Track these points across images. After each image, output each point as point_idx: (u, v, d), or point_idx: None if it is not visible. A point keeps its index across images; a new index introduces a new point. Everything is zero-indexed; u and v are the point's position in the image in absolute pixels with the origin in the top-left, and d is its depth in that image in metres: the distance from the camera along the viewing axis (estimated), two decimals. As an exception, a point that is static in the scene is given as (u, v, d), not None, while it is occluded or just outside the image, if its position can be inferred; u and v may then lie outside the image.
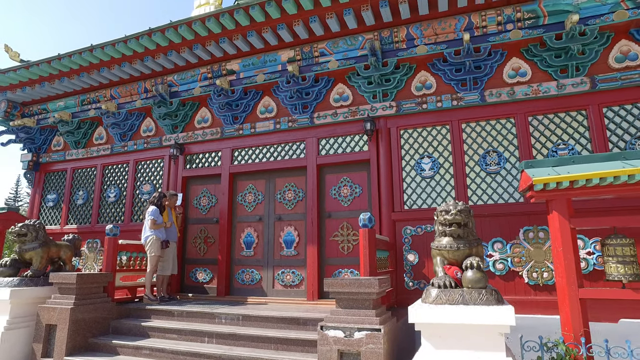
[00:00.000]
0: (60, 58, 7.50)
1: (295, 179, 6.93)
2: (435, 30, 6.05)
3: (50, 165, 9.04)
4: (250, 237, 7.00)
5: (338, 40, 6.52)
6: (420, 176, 6.09)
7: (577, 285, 3.37)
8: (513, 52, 5.91)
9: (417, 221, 5.90)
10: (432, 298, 3.42)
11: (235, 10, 6.15)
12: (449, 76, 6.06)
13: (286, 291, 6.57)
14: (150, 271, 6.16)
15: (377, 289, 3.86)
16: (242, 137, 7.25)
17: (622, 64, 5.38)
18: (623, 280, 3.30)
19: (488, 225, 5.59)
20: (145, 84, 7.86)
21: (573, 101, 5.56)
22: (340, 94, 6.73)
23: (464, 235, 3.65)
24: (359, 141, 6.57)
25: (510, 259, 5.38)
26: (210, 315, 5.32)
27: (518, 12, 5.68)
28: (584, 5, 5.37)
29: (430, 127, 6.19)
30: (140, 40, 6.81)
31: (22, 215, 7.15)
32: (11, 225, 6.52)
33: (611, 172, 3.21)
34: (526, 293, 5.27)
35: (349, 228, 6.42)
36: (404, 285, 5.75)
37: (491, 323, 3.15)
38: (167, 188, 7.54)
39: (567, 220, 3.50)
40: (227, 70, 7.23)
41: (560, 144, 5.58)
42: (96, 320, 5.38)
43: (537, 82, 5.73)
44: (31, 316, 5.53)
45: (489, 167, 5.78)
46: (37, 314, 5.30)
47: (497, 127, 5.88)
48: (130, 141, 8.15)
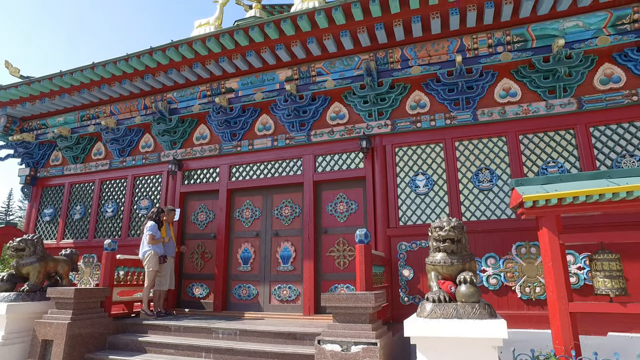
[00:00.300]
0: (61, 75, 7.63)
1: (292, 195, 7.04)
2: (428, 51, 6.27)
3: (48, 180, 9.09)
4: (248, 253, 7.06)
5: (335, 60, 6.73)
6: (414, 193, 6.22)
7: (567, 299, 3.48)
8: (503, 73, 6.14)
9: (412, 237, 6.01)
10: (427, 312, 3.51)
11: (235, 31, 6.35)
12: (442, 96, 6.26)
13: (283, 306, 6.61)
14: (147, 286, 6.19)
15: (374, 303, 3.94)
16: (240, 153, 7.38)
17: (606, 85, 5.61)
18: (610, 295, 3.42)
19: (481, 240, 5.71)
20: (145, 100, 8.00)
21: (561, 121, 5.76)
22: (336, 113, 6.90)
23: (458, 250, 3.76)
24: (354, 158, 6.72)
25: (503, 274, 5.49)
26: (208, 330, 5.35)
27: (507, 36, 5.92)
28: (569, 30, 5.62)
29: (425, 145, 6.35)
30: (142, 59, 6.97)
31: (19, 230, 7.17)
32: (9, 240, 6.54)
33: (596, 190, 3.36)
34: (519, 307, 5.36)
35: (345, 244, 6.51)
36: (399, 300, 5.82)
37: (484, 336, 3.23)
38: (165, 203, 7.61)
39: (557, 236, 3.63)
40: (226, 89, 7.40)
41: (550, 162, 5.75)
42: (93, 335, 5.39)
43: (527, 102, 5.93)
44: (27, 331, 5.52)
45: (482, 184, 5.93)
46: (33, 329, 5.30)
47: (489, 145, 6.06)
48: (128, 157, 8.24)
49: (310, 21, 6.05)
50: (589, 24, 5.55)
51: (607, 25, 5.50)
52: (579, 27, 5.60)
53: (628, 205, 3.41)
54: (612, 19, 5.45)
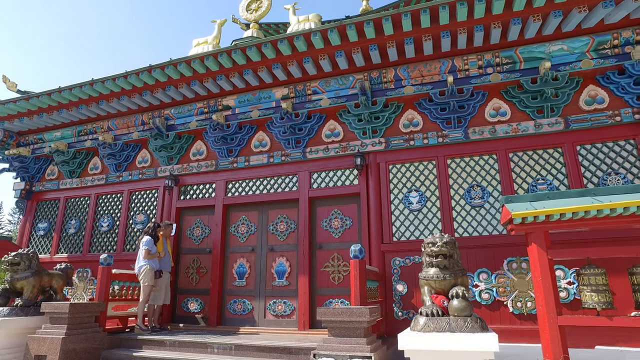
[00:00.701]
0: (60, 91, 7.73)
1: (288, 210, 7.13)
2: (421, 72, 6.48)
3: (43, 194, 9.10)
4: (243, 268, 7.11)
5: (330, 79, 6.91)
6: (408, 209, 6.35)
7: (556, 313, 3.58)
8: (493, 93, 6.35)
9: (406, 252, 6.11)
10: (420, 326, 3.59)
11: (233, 50, 6.52)
12: (434, 115, 6.44)
13: (278, 321, 6.63)
14: (142, 301, 6.20)
15: (368, 317, 4.02)
16: (236, 169, 7.48)
17: (591, 106, 5.83)
18: (597, 308, 3.54)
19: (474, 256, 5.82)
20: (143, 116, 8.12)
21: (549, 139, 5.96)
22: (331, 130, 7.06)
23: (450, 266, 3.86)
24: (349, 175, 6.85)
25: (495, 288, 5.59)
26: (203, 345, 5.37)
27: (497, 57, 6.16)
28: (554, 53, 5.87)
29: (418, 163, 6.51)
30: (141, 76, 7.10)
31: (14, 244, 7.15)
32: (3, 254, 6.54)
33: (582, 208, 3.51)
34: (511, 322, 5.45)
35: (339, 259, 6.59)
36: (393, 315, 5.89)
37: (476, 350, 3.32)
38: (161, 218, 7.66)
39: (545, 251, 3.75)
40: (223, 106, 7.54)
41: (539, 179, 5.92)
42: (87, 350, 5.37)
43: (516, 122, 6.13)
44: (19, 347, 5.49)
45: (474, 200, 6.08)
46: (26, 344, 5.28)
47: (481, 162, 6.23)
48: (125, 172, 8.31)
49: (306, 42, 6.24)
50: (573, 47, 5.80)
51: (590, 50, 5.75)
52: (564, 51, 5.85)
53: (612, 222, 3.55)
54: (594, 43, 5.70)
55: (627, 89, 5.58)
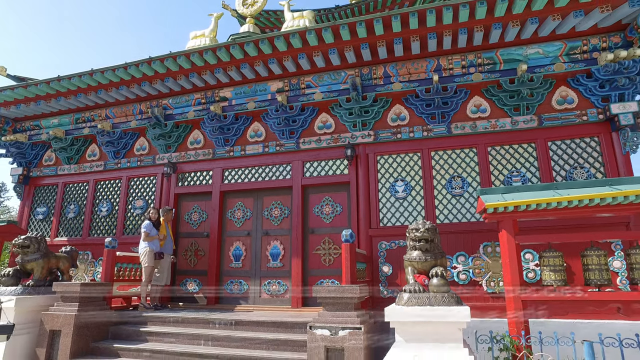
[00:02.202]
0: (59, 79, 7.93)
1: (282, 197, 7.59)
2: (409, 69, 6.93)
3: (41, 180, 9.33)
4: (239, 251, 7.57)
5: (323, 74, 7.31)
6: (394, 197, 6.87)
7: (520, 290, 4.16)
8: (475, 91, 6.85)
9: (391, 237, 6.64)
10: (404, 301, 4.13)
11: (231, 45, 6.85)
12: (420, 110, 6.92)
13: (272, 300, 7.15)
14: (145, 281, 6.62)
15: (358, 294, 4.54)
16: (232, 158, 7.87)
17: (562, 106, 6.39)
18: (554, 285, 4.12)
19: (453, 240, 6.39)
20: (141, 105, 8.39)
21: (524, 135, 6.51)
22: (324, 123, 7.49)
23: (431, 249, 4.39)
24: (340, 165, 7.31)
25: (472, 270, 6.19)
26: (205, 320, 5.84)
27: (479, 58, 6.64)
28: (531, 56, 6.38)
29: (404, 154, 7.00)
30: (140, 67, 7.37)
31: (20, 228, 7.43)
32: (10, 237, 6.85)
33: (545, 200, 4.06)
34: (485, 300, 6.06)
35: (330, 242, 7.09)
36: (379, 294, 6.45)
37: (451, 320, 3.87)
38: (159, 204, 8.02)
39: (513, 237, 4.31)
40: (220, 97, 7.88)
41: (514, 171, 6.49)
42: (97, 326, 5.79)
43: (495, 118, 6.66)
44: (32, 323, 5.86)
45: (454, 190, 6.62)
46: (40, 320, 5.67)
47: (462, 155, 6.76)
48: (123, 159, 8.61)
49: (301, 39, 6.60)
50: (547, 51, 6.32)
51: (562, 54, 6.28)
52: (540, 54, 6.37)
53: (570, 212, 4.12)
54: (567, 48, 6.23)
55: (593, 91, 6.14)
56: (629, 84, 5.88)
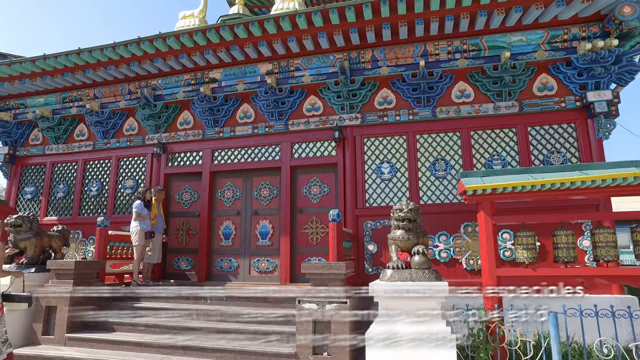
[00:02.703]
0: (45, 58, 7.84)
1: (271, 178, 7.77)
2: (396, 54, 7.08)
3: (28, 159, 9.31)
4: (229, 229, 7.77)
5: (312, 57, 7.41)
6: (380, 178, 7.11)
7: (495, 267, 4.47)
8: (460, 77, 7.05)
9: (377, 217, 6.91)
10: (387, 276, 4.41)
11: (221, 27, 6.88)
12: (406, 94, 7.10)
13: (261, 277, 7.41)
14: (137, 259, 6.80)
15: (344, 270, 4.81)
16: (222, 139, 7.98)
17: (542, 92, 6.64)
18: (526, 262, 4.44)
19: (436, 220, 6.69)
20: (130, 86, 8.38)
21: (505, 120, 6.76)
22: (312, 105, 7.63)
23: (413, 228, 4.65)
24: (327, 147, 7.50)
25: (453, 248, 6.52)
26: (196, 296, 6.08)
27: (464, 44, 6.81)
28: (514, 43, 6.58)
29: (390, 137, 7.22)
30: (129, 47, 7.36)
31: (11, 208, 7.48)
32: (2, 217, 6.91)
33: (520, 183, 4.33)
34: (464, 276, 6.41)
35: (317, 222, 7.33)
36: (365, 271, 6.75)
37: (431, 295, 4.16)
38: (149, 184, 8.12)
39: (490, 217, 4.60)
40: (209, 78, 7.92)
41: (495, 155, 6.77)
42: (91, 302, 5.97)
43: (478, 103, 6.89)
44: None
45: (438, 172, 6.89)
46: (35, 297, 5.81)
47: (445, 139, 7.00)
48: (112, 139, 8.64)
49: (291, 22, 6.67)
50: (530, 39, 6.53)
51: (544, 42, 6.50)
52: (523, 42, 6.57)
53: (543, 195, 4.41)
54: (548, 37, 6.45)
55: (572, 79, 6.39)
56: (605, 73, 6.14)
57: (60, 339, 5.50)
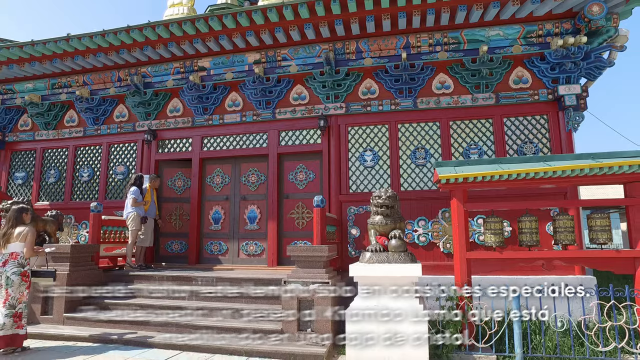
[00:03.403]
0: (33, 44, 7.91)
1: (258, 164, 8.05)
2: (379, 46, 7.33)
3: (17, 144, 9.41)
4: (218, 214, 8.07)
5: (299, 47, 7.61)
6: (363, 166, 7.44)
7: (465, 250, 4.87)
8: (440, 68, 7.34)
9: (360, 202, 7.26)
10: (366, 259, 4.77)
11: (210, 17, 7.03)
12: (389, 85, 7.38)
13: (249, 259, 7.76)
14: (131, 243, 7.08)
15: (327, 253, 5.17)
16: (211, 126, 8.20)
17: (517, 85, 6.99)
18: (494, 246, 4.85)
19: (415, 206, 7.07)
20: (119, 73, 8.50)
21: (483, 112, 7.11)
22: (298, 94, 7.87)
23: (391, 214, 5.00)
24: (313, 135, 7.78)
25: (431, 233, 6.92)
26: (188, 278, 6.40)
27: (445, 37, 7.09)
28: (492, 37, 6.88)
29: (373, 126, 7.52)
30: (118, 35, 7.46)
31: (4, 193, 7.64)
32: (-4, 202, 7.09)
33: (489, 173, 4.69)
34: (441, 259, 6.83)
35: (303, 207, 7.67)
36: (348, 254, 7.14)
37: (405, 275, 4.54)
38: (140, 170, 8.33)
39: (462, 204, 4.97)
40: (198, 67, 8.09)
41: (472, 144, 7.13)
42: (87, 284, 6.22)
43: (457, 95, 7.21)
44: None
45: (418, 160, 7.24)
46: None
47: (426, 128, 7.33)
48: (103, 125, 8.79)
49: (278, 14, 6.84)
50: (507, 34, 6.83)
51: (520, 37, 6.81)
52: (500, 36, 6.87)
53: (512, 184, 4.78)
54: (524, 32, 6.76)
55: (545, 73, 6.74)
56: (575, 68, 6.49)
57: (58, 319, 5.80)
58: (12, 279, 4.61)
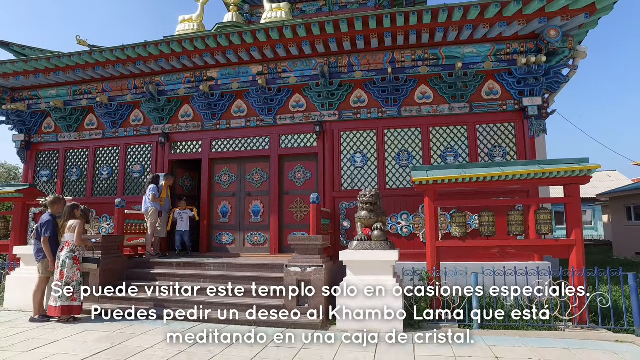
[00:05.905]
0: (60, 57, 8.84)
1: (261, 164, 9.04)
2: (368, 60, 8.29)
3: (42, 145, 10.35)
4: (226, 208, 9.08)
5: (297, 61, 8.57)
6: (353, 166, 8.44)
7: (435, 239, 5.90)
8: (422, 81, 8.31)
9: (350, 198, 8.26)
10: (353, 246, 5.80)
11: (218, 35, 7.98)
12: (376, 95, 8.36)
13: (254, 249, 8.79)
14: (150, 234, 8.08)
15: (321, 242, 6.20)
16: (219, 130, 9.17)
17: (489, 96, 7.98)
18: (458, 236, 5.89)
19: (399, 202, 8.08)
20: (135, 81, 9.44)
21: (459, 119, 8.10)
22: (297, 102, 8.84)
23: (374, 210, 6.01)
24: (310, 138, 8.76)
25: (412, 225, 7.95)
26: (202, 264, 7.42)
27: (426, 54, 8.06)
28: (467, 54, 7.86)
29: (362, 131, 8.51)
30: (136, 49, 8.40)
31: (40, 191, 8.60)
32: (31, 198, 8.08)
33: (455, 176, 5.71)
34: (421, 248, 7.76)
35: (301, 202, 8.68)
36: (340, 243, 8.16)
37: (385, 259, 5.57)
38: (155, 169, 9.30)
39: (433, 202, 5.99)
40: (207, 77, 9.04)
41: (449, 148, 8.13)
42: (116, 269, 7.25)
43: (436, 104, 8.19)
44: (60, 267, 7.26)
45: (402, 162, 8.24)
46: (68, 265, 7.07)
47: (409, 134, 8.32)
48: (120, 128, 9.74)
49: (279, 32, 7.79)
50: (480, 51, 7.81)
51: (491, 54, 7.79)
52: (474, 53, 7.85)
53: (473, 185, 5.81)
54: (494, 50, 7.74)
55: (512, 86, 7.73)
56: (536, 83, 7.48)
57: (94, 298, 6.81)
58: (66, 262, 5.65)
